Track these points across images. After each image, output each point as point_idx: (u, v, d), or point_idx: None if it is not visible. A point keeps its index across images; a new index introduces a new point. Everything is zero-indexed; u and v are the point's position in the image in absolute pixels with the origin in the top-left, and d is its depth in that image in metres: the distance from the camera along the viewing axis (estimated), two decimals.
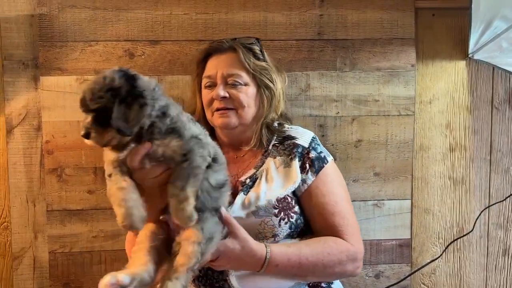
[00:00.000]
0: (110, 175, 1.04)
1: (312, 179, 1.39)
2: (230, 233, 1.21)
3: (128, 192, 1.00)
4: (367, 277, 1.85)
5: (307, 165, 1.40)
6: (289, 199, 1.38)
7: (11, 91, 1.69)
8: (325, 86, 1.78)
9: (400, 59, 1.80)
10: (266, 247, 1.27)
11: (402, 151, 1.82)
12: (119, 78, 0.99)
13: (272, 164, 1.41)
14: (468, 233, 1.86)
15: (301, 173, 1.40)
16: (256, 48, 1.47)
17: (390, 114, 1.81)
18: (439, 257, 1.85)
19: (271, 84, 1.45)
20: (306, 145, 1.43)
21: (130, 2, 1.70)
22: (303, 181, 1.39)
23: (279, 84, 1.49)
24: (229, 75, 1.41)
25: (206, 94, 1.46)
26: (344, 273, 1.36)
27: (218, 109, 1.42)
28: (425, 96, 1.85)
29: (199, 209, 1.05)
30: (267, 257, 1.26)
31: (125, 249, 1.65)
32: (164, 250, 1.11)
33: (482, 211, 1.86)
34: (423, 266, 1.84)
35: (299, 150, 1.42)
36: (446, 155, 1.87)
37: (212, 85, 1.44)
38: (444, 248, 1.86)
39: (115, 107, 0.97)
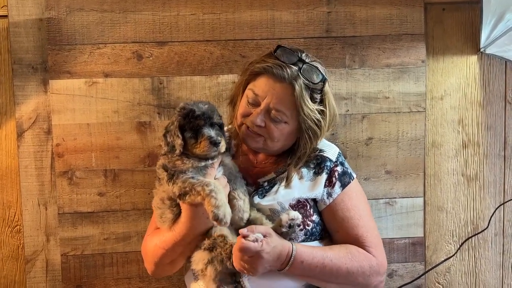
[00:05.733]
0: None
1: (338, 193, 1.39)
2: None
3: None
4: None
5: (334, 179, 1.40)
6: (308, 207, 1.37)
7: (21, 95, 1.70)
8: (334, 84, 1.76)
9: (410, 55, 1.78)
10: (292, 244, 1.28)
11: (413, 148, 1.80)
12: None
13: (295, 174, 1.40)
14: (483, 230, 1.83)
15: (327, 186, 1.39)
16: (318, 88, 1.36)
17: (401, 111, 1.79)
18: (453, 255, 1.83)
19: (317, 130, 1.37)
20: (334, 159, 1.43)
21: (137, 3, 1.70)
22: (329, 194, 1.39)
23: (328, 123, 1.40)
24: (276, 109, 1.33)
25: (245, 106, 1.38)
26: (368, 286, 1.34)
27: (248, 128, 1.38)
28: (437, 92, 1.83)
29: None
30: (293, 252, 1.26)
31: (135, 251, 1.65)
32: None
33: (497, 208, 1.83)
34: (437, 265, 1.81)
35: (327, 164, 1.41)
36: (459, 152, 1.85)
37: (255, 104, 1.36)
38: (458, 246, 1.84)
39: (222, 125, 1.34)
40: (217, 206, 1.19)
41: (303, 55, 1.38)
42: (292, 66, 1.33)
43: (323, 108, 1.38)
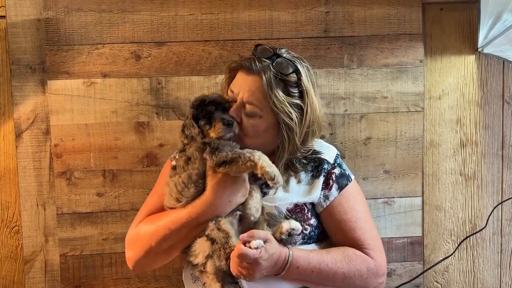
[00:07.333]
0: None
1: (335, 196, 1.39)
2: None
3: None
4: None
5: (331, 182, 1.39)
6: (305, 211, 1.37)
7: (19, 95, 1.70)
8: (333, 83, 1.76)
9: (408, 55, 1.78)
10: (288, 249, 1.27)
11: (412, 148, 1.80)
12: None
13: (292, 178, 1.39)
14: (481, 229, 1.83)
15: (324, 189, 1.39)
16: (291, 79, 1.33)
17: (399, 110, 1.79)
18: (452, 254, 1.83)
19: (292, 125, 1.33)
20: (331, 161, 1.42)
21: (135, 4, 1.70)
22: (326, 197, 1.38)
23: (307, 119, 1.36)
24: (248, 102, 1.33)
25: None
26: None
27: None
28: (434, 92, 1.83)
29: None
30: (290, 258, 1.26)
31: None
32: None
33: (495, 207, 1.84)
34: (435, 264, 1.81)
35: (325, 166, 1.40)
36: (457, 151, 1.85)
37: (233, 101, 1.37)
38: (456, 246, 1.84)
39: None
40: (270, 166, 1.24)
41: (282, 51, 1.38)
42: (265, 60, 1.34)
43: (301, 104, 1.34)
